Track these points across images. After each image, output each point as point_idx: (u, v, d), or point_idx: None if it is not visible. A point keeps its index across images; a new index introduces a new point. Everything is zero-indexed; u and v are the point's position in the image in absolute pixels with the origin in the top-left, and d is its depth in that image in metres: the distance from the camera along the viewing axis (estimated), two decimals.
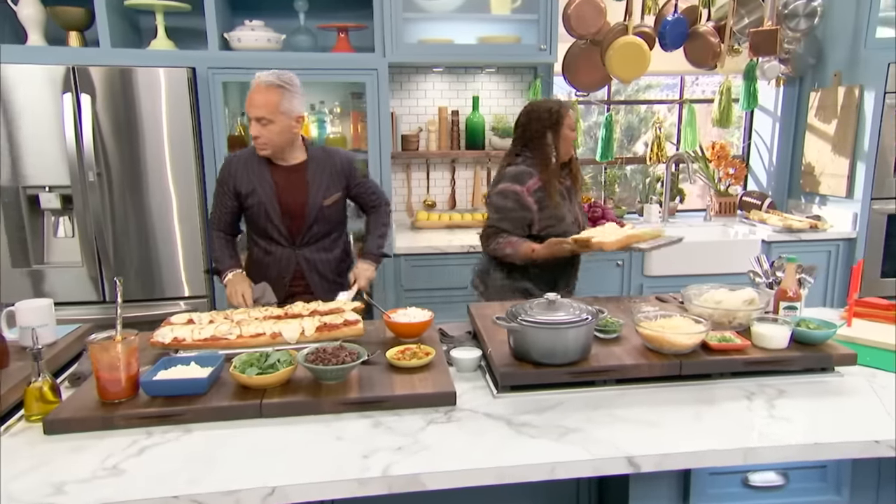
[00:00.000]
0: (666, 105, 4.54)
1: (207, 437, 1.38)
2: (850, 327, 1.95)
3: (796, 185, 4.17)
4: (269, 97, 2.18)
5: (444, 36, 3.50)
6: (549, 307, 1.64)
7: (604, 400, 1.56)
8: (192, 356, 1.60)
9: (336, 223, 2.49)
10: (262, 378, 1.48)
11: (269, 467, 1.25)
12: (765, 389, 1.60)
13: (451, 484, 1.25)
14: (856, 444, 1.36)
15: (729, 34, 3.74)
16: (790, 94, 4.15)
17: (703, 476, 1.45)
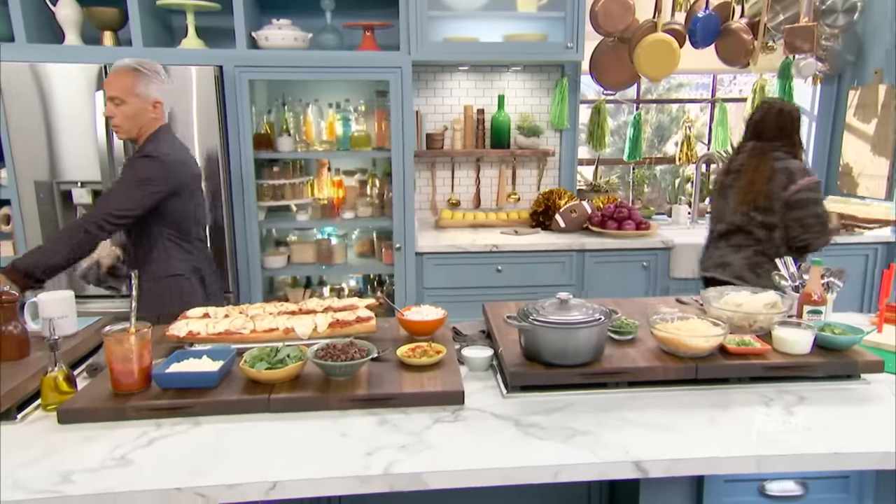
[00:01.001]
0: (699, 105, 4.44)
1: (216, 430, 1.39)
2: (881, 333, 1.87)
3: (833, 187, 4.04)
4: (125, 79, 2.19)
5: (470, 34, 3.48)
6: (561, 307, 1.61)
7: (615, 403, 1.52)
8: (204, 350, 1.61)
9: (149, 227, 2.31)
10: (270, 373, 1.48)
11: (273, 462, 1.26)
12: (784, 396, 1.54)
13: (453, 484, 1.24)
14: (876, 454, 1.30)
15: (763, 31, 3.64)
16: (828, 92, 4.02)
17: (717, 483, 1.40)
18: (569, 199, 3.70)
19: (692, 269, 3.41)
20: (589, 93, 3.99)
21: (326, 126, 3.49)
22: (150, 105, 2.24)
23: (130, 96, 2.19)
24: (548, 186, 3.92)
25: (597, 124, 3.93)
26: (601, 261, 3.44)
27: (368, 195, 3.57)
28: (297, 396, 1.46)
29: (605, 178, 4.23)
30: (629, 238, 3.47)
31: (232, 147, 3.14)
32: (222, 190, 3.10)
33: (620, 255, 3.46)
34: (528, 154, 3.82)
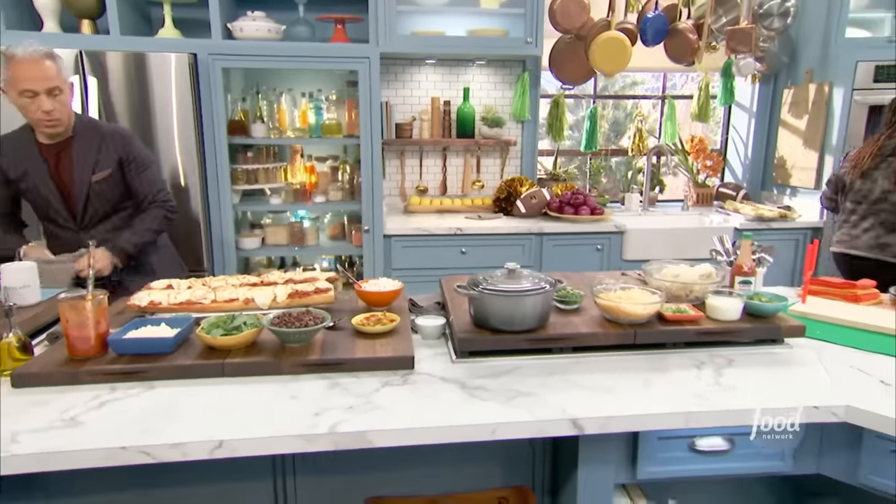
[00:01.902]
0: (651, 101, 4.42)
1: (169, 393, 1.31)
2: (805, 303, 1.86)
3: (769, 178, 4.05)
4: (50, 66, 1.89)
5: (436, 28, 3.40)
6: (509, 276, 1.56)
7: (559, 367, 1.48)
8: (163, 318, 1.53)
9: (118, 199, 2.17)
10: (226, 339, 1.41)
11: (222, 423, 1.19)
12: (715, 359, 1.51)
13: (395, 442, 1.18)
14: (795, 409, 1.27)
15: (707, 32, 3.62)
16: (765, 90, 4.03)
17: (651, 440, 1.37)
18: (529, 186, 3.66)
19: (643, 251, 3.39)
20: (549, 87, 3.94)
21: (299, 114, 3.39)
22: (70, 90, 2.01)
23: (64, 84, 1.94)
24: (510, 174, 3.87)
25: (556, 117, 3.88)
26: (559, 244, 3.40)
27: (340, 180, 3.48)
28: (251, 361, 1.39)
29: (564, 168, 4.19)
30: (585, 223, 3.44)
31: (206, 132, 3.03)
32: (197, 173, 2.99)
33: (576, 239, 3.42)
34: (492, 144, 3.76)
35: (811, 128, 3.63)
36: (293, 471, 1.50)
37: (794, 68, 3.82)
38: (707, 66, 3.83)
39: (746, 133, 4.17)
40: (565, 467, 1.49)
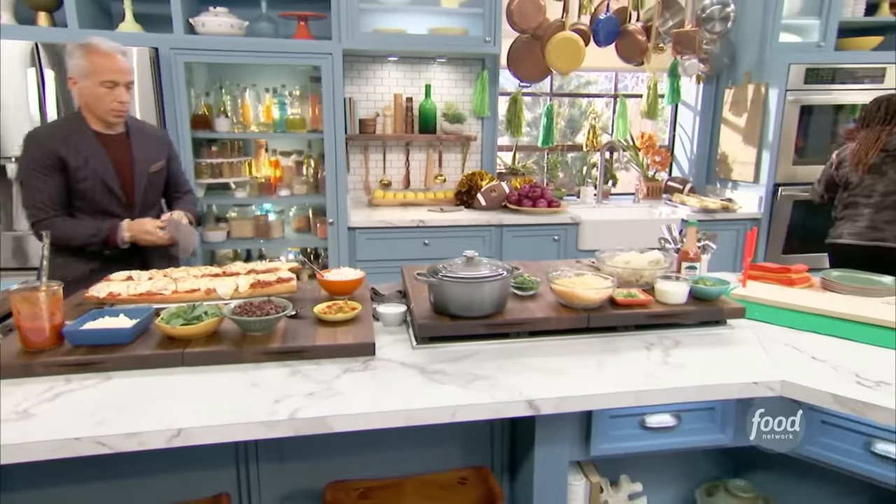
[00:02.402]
0: (604, 100, 4.46)
1: (126, 384, 1.25)
2: (745, 287, 1.89)
3: (713, 172, 4.14)
4: (126, 62, 1.97)
5: (398, 26, 3.35)
6: (468, 264, 1.53)
7: (516, 351, 1.47)
8: (121, 309, 1.46)
9: (160, 192, 2.25)
10: (185, 328, 1.35)
11: (181, 411, 1.13)
12: (663, 340, 1.53)
13: (356, 426, 1.15)
14: (736, 385, 1.29)
15: (654, 34, 3.65)
16: (708, 90, 4.10)
17: (603, 418, 1.37)
18: (489, 180, 3.65)
19: (598, 242, 3.42)
20: (507, 85, 3.93)
21: (263, 109, 3.30)
22: None
23: (133, 77, 2.01)
24: (471, 169, 3.85)
25: (514, 114, 3.88)
26: (517, 235, 3.40)
27: (304, 174, 3.40)
28: (211, 350, 1.34)
29: (522, 163, 4.19)
30: (542, 215, 3.45)
31: (169, 126, 2.91)
32: None
33: (534, 230, 3.43)
34: (453, 139, 3.74)
35: (750, 125, 3.72)
36: (255, 458, 1.45)
37: (734, 69, 3.90)
38: (655, 66, 3.88)
39: (692, 130, 4.25)
40: (523, 447, 1.49)
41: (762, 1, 3.57)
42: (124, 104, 1.97)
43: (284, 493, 1.51)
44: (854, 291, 1.89)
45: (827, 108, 3.58)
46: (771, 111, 3.54)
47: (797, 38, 3.67)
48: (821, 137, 3.61)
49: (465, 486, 1.42)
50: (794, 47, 3.60)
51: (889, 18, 3.70)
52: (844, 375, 1.33)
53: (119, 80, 1.93)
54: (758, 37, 3.64)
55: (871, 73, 3.55)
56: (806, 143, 3.60)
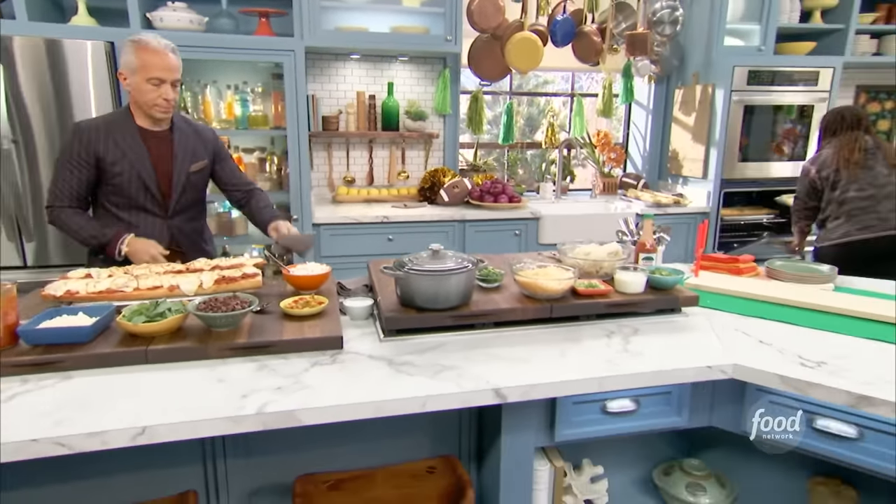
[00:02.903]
0: (561, 99, 4.51)
1: (87, 383, 1.19)
2: (697, 276, 1.94)
3: (664, 168, 4.24)
4: (176, 60, 1.92)
5: (360, 24, 3.30)
6: (433, 257, 1.53)
7: (482, 341, 1.47)
8: (80, 307, 1.39)
9: (202, 191, 2.16)
10: (148, 326, 1.30)
11: (145, 409, 1.09)
12: (622, 328, 1.55)
13: (325, 419, 1.13)
14: (691, 369, 1.33)
15: (609, 36, 3.72)
16: (659, 90, 4.20)
17: (567, 405, 1.39)
18: (452, 176, 3.65)
19: (558, 235, 3.46)
20: (468, 84, 3.93)
21: (225, 106, 3.21)
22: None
23: (180, 76, 1.95)
24: (433, 165, 3.84)
25: (475, 111, 3.88)
26: (480, 230, 3.41)
27: (268, 171, 3.33)
28: (176, 347, 1.29)
29: (484, 160, 4.21)
30: (503, 210, 3.47)
31: None
32: None
33: (496, 225, 3.45)
34: (416, 136, 3.72)
35: (698, 124, 3.83)
36: (223, 454, 1.41)
37: (683, 71, 4.01)
38: (610, 66, 3.95)
39: (644, 128, 4.35)
40: (489, 435, 1.49)
41: (708, 6, 3.67)
42: (169, 101, 1.93)
43: (253, 488, 1.47)
44: (795, 279, 1.97)
45: (767, 108, 3.71)
46: (718, 111, 3.65)
47: (740, 41, 3.80)
48: (762, 136, 3.74)
49: (433, 475, 1.41)
50: (738, 50, 3.72)
51: (821, 25, 3.88)
52: (789, 357, 1.39)
53: (166, 77, 1.88)
54: (704, 40, 3.74)
55: (806, 76, 3.70)
56: (749, 142, 3.73)
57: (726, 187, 3.74)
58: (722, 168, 3.69)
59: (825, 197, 2.75)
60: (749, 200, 3.94)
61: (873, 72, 4.43)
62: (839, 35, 3.87)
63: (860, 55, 3.99)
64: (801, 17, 3.88)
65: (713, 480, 1.67)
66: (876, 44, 4.07)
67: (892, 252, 2.53)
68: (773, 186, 3.82)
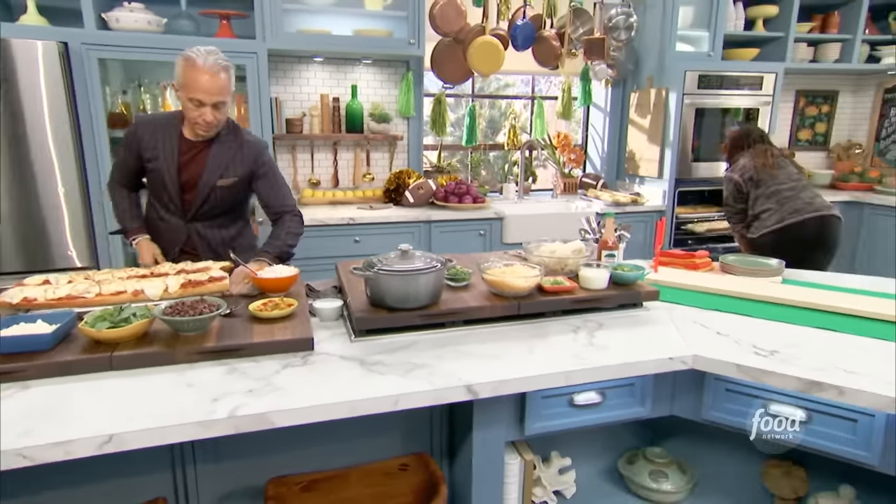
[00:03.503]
0: (522, 102, 4.56)
1: (49, 392, 1.14)
2: (657, 272, 2.00)
3: (622, 168, 4.34)
4: (225, 81, 1.82)
5: (323, 27, 3.26)
6: (402, 257, 1.52)
7: (452, 339, 1.47)
8: (39, 314, 1.33)
9: (233, 205, 2.10)
10: (113, 332, 1.25)
11: (112, 417, 1.05)
12: (587, 323, 1.58)
13: (298, 420, 1.11)
14: (654, 361, 1.36)
15: (567, 40, 3.78)
16: (616, 93, 4.30)
17: (536, 399, 1.40)
18: (417, 178, 3.64)
19: (521, 235, 3.50)
20: (431, 87, 3.93)
21: None
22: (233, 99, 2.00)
23: (228, 97, 1.87)
24: (398, 167, 3.83)
25: (438, 114, 3.88)
26: (445, 230, 3.42)
27: None
28: (142, 352, 1.25)
29: (447, 161, 4.21)
30: (468, 210, 3.48)
31: (84, 125, 2.69)
32: (75, 167, 2.66)
33: (461, 225, 3.46)
34: (380, 138, 3.70)
35: (653, 126, 3.94)
36: (193, 459, 1.37)
37: (638, 75, 4.11)
38: (569, 70, 4.02)
39: (602, 130, 4.44)
40: (461, 431, 1.50)
41: (660, 13, 3.78)
42: (209, 124, 1.87)
43: (224, 493, 1.43)
44: (747, 273, 2.05)
45: (716, 111, 3.85)
46: (671, 113, 3.76)
47: (691, 47, 3.92)
48: (712, 137, 3.87)
49: (406, 472, 1.41)
50: (689, 56, 3.84)
51: (763, 33, 4.04)
52: (744, 347, 1.44)
53: (205, 100, 1.81)
54: (657, 46, 3.85)
55: (751, 80, 3.86)
56: (700, 143, 3.85)
57: (680, 186, 3.86)
58: (676, 168, 3.80)
59: (752, 195, 2.94)
60: (702, 199, 4.06)
61: (811, 77, 4.66)
62: (780, 42, 4.05)
63: (799, 62, 4.19)
64: (745, 25, 4.04)
65: (675, 467, 1.72)
66: (812, 51, 4.28)
67: (819, 234, 2.74)
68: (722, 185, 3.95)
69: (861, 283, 2.01)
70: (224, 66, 1.83)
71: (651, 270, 2.03)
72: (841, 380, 1.25)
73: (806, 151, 4.85)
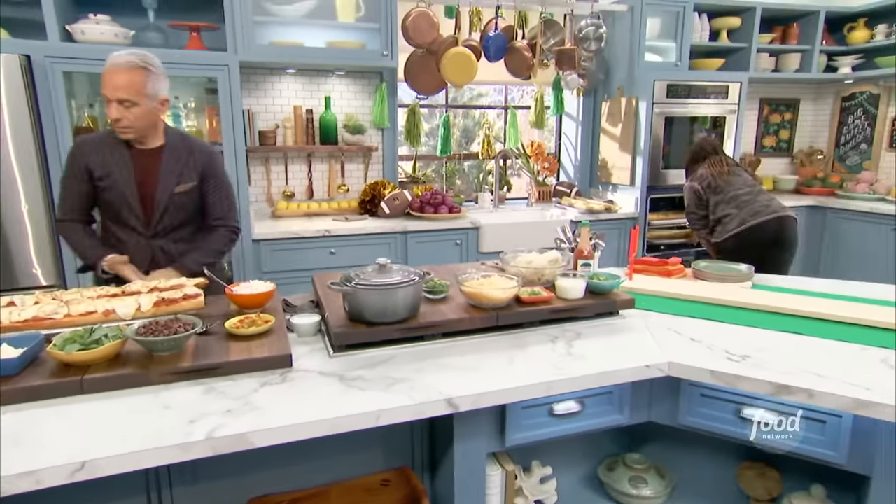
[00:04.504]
0: (496, 111, 4.61)
1: (16, 419, 1.11)
2: (632, 280, 2.03)
3: (595, 176, 4.41)
4: (133, 78, 1.79)
5: (295, 39, 3.25)
6: (380, 271, 1.52)
7: (431, 352, 1.47)
8: (4, 337, 1.29)
9: (193, 214, 2.07)
10: (83, 354, 1.22)
11: (84, 442, 1.03)
12: (565, 333, 1.60)
13: (279, 439, 1.10)
14: (631, 369, 1.39)
15: (539, 51, 3.84)
16: (588, 102, 4.38)
17: (516, 410, 1.41)
18: (392, 188, 3.64)
19: (497, 244, 3.52)
20: (405, 97, 3.95)
21: None
22: (160, 103, 1.90)
23: (141, 97, 1.81)
24: (373, 178, 3.82)
25: (413, 124, 3.90)
26: (421, 240, 3.42)
27: None
28: (114, 375, 1.22)
29: (423, 171, 4.23)
30: (444, 220, 3.50)
31: (48, 139, 2.63)
32: (39, 182, 2.59)
33: (437, 235, 3.47)
34: (355, 150, 3.69)
35: (624, 134, 4.02)
36: (168, 483, 1.35)
37: (608, 84, 4.20)
38: (541, 80, 4.08)
39: (575, 138, 4.51)
40: (442, 444, 1.50)
41: (629, 24, 3.87)
42: (118, 122, 1.82)
43: None
44: (718, 279, 2.10)
45: (685, 120, 3.95)
46: (642, 122, 3.85)
47: (659, 58, 4.02)
48: (681, 145, 3.97)
49: (388, 488, 1.40)
50: (657, 66, 3.94)
51: (728, 44, 4.17)
52: (717, 353, 1.48)
53: (110, 95, 1.79)
54: (627, 56, 3.94)
55: (717, 89, 3.98)
56: (670, 150, 3.95)
57: (652, 193, 3.94)
58: (648, 175, 3.89)
59: (711, 201, 3.09)
60: (673, 205, 4.15)
61: (773, 86, 4.82)
62: (744, 53, 4.18)
63: (762, 71, 4.33)
64: (710, 36, 4.16)
65: (653, 472, 1.75)
66: (774, 61, 4.43)
67: (778, 234, 2.93)
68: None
69: (824, 287, 2.07)
70: (138, 65, 1.81)
71: (626, 278, 2.07)
72: (810, 383, 1.29)
73: (771, 157, 5.01)
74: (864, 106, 4.65)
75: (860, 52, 4.42)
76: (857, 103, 4.69)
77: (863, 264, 4.07)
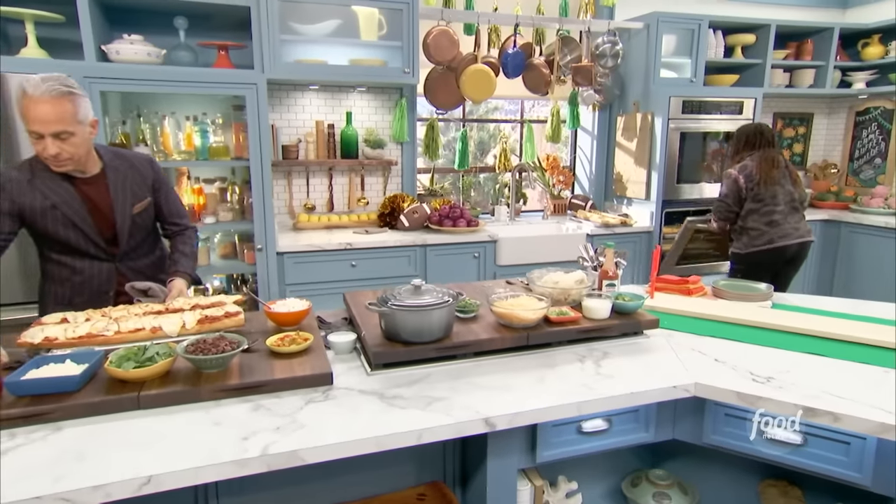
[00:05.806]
0: (510, 124, 4.67)
1: (80, 433, 1.17)
2: (653, 299, 2.08)
3: (610, 190, 4.46)
4: (63, 107, 1.63)
5: (319, 57, 3.33)
6: (415, 292, 1.58)
7: (464, 371, 1.53)
8: (67, 354, 1.36)
9: (151, 225, 2.04)
10: (138, 371, 1.29)
11: (145, 457, 1.09)
12: (593, 353, 1.65)
13: (328, 456, 1.15)
14: (659, 390, 1.43)
15: (556, 67, 3.90)
16: (603, 117, 4.43)
17: (546, 428, 1.46)
18: (411, 202, 3.71)
19: (514, 257, 3.58)
20: (423, 112, 4.02)
21: (184, 137, 3.16)
22: (91, 126, 1.76)
23: (76, 125, 1.68)
24: (392, 191, 3.89)
25: (431, 138, 3.97)
26: (440, 253, 3.48)
27: (229, 201, 3.28)
28: (168, 391, 1.28)
29: (440, 184, 4.29)
30: (462, 234, 3.55)
31: None
32: None
33: (456, 248, 3.52)
34: (374, 163, 3.76)
35: (640, 149, 4.06)
36: (216, 494, 1.40)
37: (624, 100, 4.25)
38: (557, 95, 4.14)
39: (590, 152, 4.56)
40: (473, 459, 1.55)
41: (644, 41, 3.93)
42: (55, 157, 1.68)
43: None
44: (738, 297, 2.14)
45: (698, 135, 3.99)
46: (657, 136, 3.90)
47: (674, 74, 4.07)
48: (695, 160, 4.01)
49: (424, 502, 1.45)
50: (672, 82, 3.99)
51: (742, 60, 4.22)
52: (741, 373, 1.52)
53: (42, 130, 1.63)
54: (642, 72, 3.99)
55: (731, 105, 4.02)
56: (684, 164, 3.99)
57: (667, 207, 3.98)
58: (663, 190, 3.93)
59: (747, 206, 3.07)
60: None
61: (787, 101, 4.85)
62: (758, 69, 4.22)
63: (776, 86, 4.37)
64: (724, 52, 4.21)
65: (677, 488, 1.79)
66: (788, 77, 4.47)
67: (796, 255, 3.06)
68: (706, 206, 4.08)
69: (844, 307, 2.11)
70: (64, 92, 1.64)
71: (647, 296, 2.11)
72: (835, 406, 1.33)
73: None
74: (878, 121, 4.67)
75: (874, 67, 4.46)
76: (872, 118, 4.71)
77: (877, 279, 4.09)
